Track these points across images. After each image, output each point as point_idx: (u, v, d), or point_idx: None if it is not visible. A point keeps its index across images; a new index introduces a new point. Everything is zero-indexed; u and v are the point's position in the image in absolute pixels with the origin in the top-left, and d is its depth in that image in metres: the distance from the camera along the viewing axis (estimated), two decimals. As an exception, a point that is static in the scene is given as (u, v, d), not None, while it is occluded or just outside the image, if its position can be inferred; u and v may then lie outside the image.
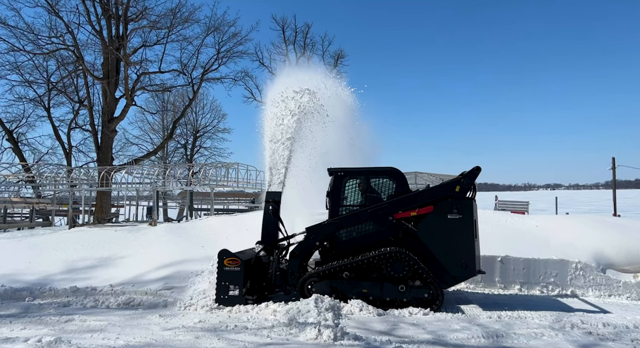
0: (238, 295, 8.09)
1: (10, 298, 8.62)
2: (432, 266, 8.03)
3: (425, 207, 8.22)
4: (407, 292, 7.95)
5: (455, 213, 8.05)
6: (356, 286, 8.15)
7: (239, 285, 8.12)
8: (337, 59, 41.16)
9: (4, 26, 22.17)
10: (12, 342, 5.83)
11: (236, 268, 8.15)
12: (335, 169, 8.92)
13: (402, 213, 8.29)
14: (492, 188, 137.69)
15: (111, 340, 6.04)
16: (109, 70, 22.87)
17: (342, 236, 8.51)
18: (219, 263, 8.25)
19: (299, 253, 8.58)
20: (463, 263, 7.95)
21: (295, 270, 8.48)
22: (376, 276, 8.18)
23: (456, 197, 8.16)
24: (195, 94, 28.61)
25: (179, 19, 24.35)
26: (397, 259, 8.03)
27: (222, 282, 8.19)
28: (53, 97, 31.09)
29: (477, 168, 8.30)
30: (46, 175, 26.63)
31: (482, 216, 14.42)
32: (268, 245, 8.89)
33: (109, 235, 13.64)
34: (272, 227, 8.98)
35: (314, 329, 6.30)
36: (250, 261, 8.39)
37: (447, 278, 8.08)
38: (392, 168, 8.81)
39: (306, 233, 8.63)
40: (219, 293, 8.17)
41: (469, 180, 8.25)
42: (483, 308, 8.05)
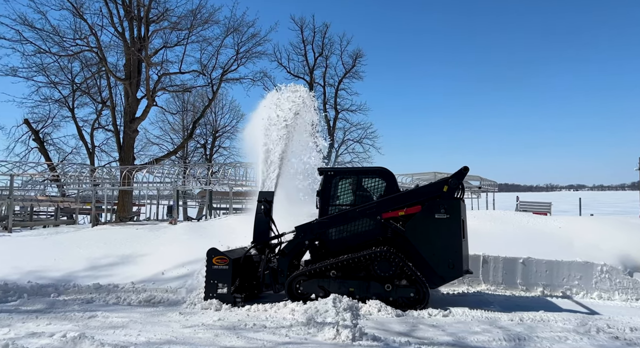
0: (226, 293, 8.16)
1: (37, 294, 8.85)
2: (420, 266, 8.00)
3: (413, 206, 8.22)
4: (393, 291, 7.96)
5: (442, 213, 8.05)
6: (343, 285, 8.16)
7: (227, 284, 8.18)
8: (355, 58, 41.07)
9: (31, 29, 22.77)
10: (38, 336, 5.97)
11: (224, 267, 8.21)
12: (325, 169, 9.03)
13: (391, 213, 8.30)
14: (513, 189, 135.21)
15: (132, 337, 6.14)
16: (131, 71, 23.26)
17: (332, 235, 8.52)
18: (208, 262, 8.32)
19: (289, 252, 8.62)
20: (450, 263, 7.94)
21: (285, 269, 8.50)
22: (363, 275, 8.20)
23: (444, 197, 8.16)
24: (215, 95, 28.88)
25: (199, 20, 24.63)
26: (384, 258, 8.04)
27: (210, 280, 8.27)
28: (77, 98, 31.88)
29: (465, 168, 8.29)
30: (70, 174, 27.28)
31: (503, 217, 14.28)
32: (259, 244, 8.93)
33: (131, 234, 13.88)
34: (263, 227, 9.01)
35: (332, 329, 6.28)
36: (239, 260, 8.45)
37: (435, 278, 8.06)
38: (382, 168, 8.89)
39: (295, 232, 8.67)
40: (208, 292, 8.26)
41: (457, 180, 8.26)
42: (504, 311, 7.90)
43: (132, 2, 23.02)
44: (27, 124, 30.54)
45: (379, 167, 8.97)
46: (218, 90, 28.58)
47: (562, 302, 8.88)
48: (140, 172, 22.96)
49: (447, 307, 7.83)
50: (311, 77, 40.66)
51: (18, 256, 11.05)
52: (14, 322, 6.96)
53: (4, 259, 10.70)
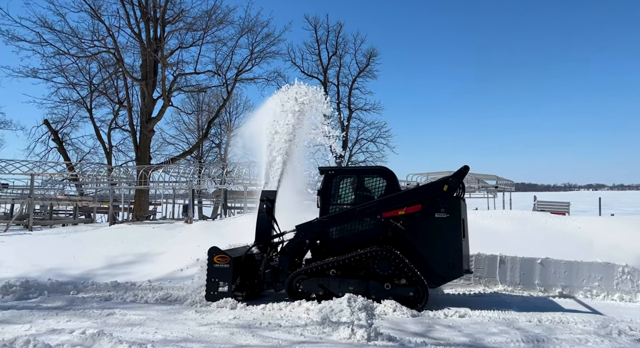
0: (227, 292, 8.21)
1: (56, 291, 9.01)
2: (420, 265, 7.96)
3: (413, 205, 8.18)
4: (392, 290, 7.95)
5: (442, 213, 8.00)
6: (342, 284, 8.16)
7: (228, 282, 8.23)
8: (369, 57, 40.97)
9: (51, 31, 23.23)
10: (59, 333, 6.08)
11: (225, 265, 8.26)
12: (326, 168, 9.00)
13: (391, 212, 8.25)
14: (530, 188, 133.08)
15: (150, 334, 6.21)
16: (147, 72, 23.57)
17: (332, 234, 8.52)
18: (209, 260, 8.39)
19: (289, 251, 8.63)
20: (450, 263, 7.89)
21: (286, 268, 8.52)
22: (363, 274, 8.18)
23: (444, 196, 8.11)
24: (230, 95, 29.09)
25: (214, 21, 24.86)
26: (383, 257, 8.00)
27: (212, 278, 8.33)
28: (95, 99, 32.45)
29: (466, 167, 8.22)
30: (88, 173, 27.77)
31: (520, 216, 14.09)
32: (261, 243, 8.97)
33: (147, 232, 14.07)
34: (265, 226, 9.04)
35: (347, 328, 6.26)
36: (239, 258, 8.49)
37: (435, 277, 8.03)
38: (383, 167, 8.89)
39: (296, 231, 8.70)
40: (209, 290, 8.32)
41: (457, 179, 8.17)
42: (522, 312, 7.78)
43: (149, 4, 23.33)
44: (47, 125, 31.19)
45: (379, 166, 9.07)
46: (233, 90, 28.79)
47: (582, 304, 8.71)
48: (157, 172, 23.27)
49: (463, 308, 7.75)
50: (325, 77, 40.68)
51: (38, 254, 11.28)
52: (35, 318, 7.10)
53: (25, 257, 10.93)
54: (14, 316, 7.26)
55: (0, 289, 8.83)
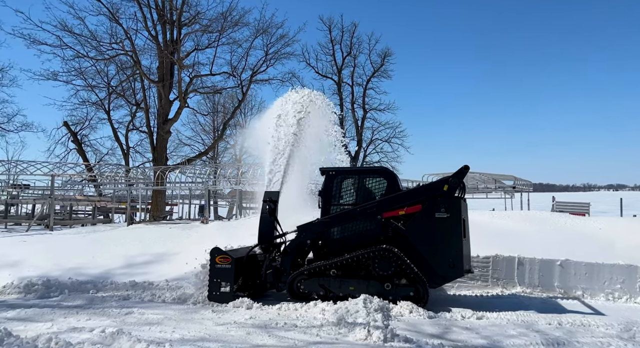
0: (229, 292, 8.27)
1: (77, 290, 9.17)
2: (420, 265, 7.95)
3: (413, 205, 8.19)
4: (392, 290, 7.97)
5: (443, 212, 7.99)
6: (343, 284, 8.20)
7: (230, 282, 8.29)
8: (383, 57, 40.80)
9: (71, 34, 23.70)
10: (79, 331, 6.19)
11: (227, 266, 8.31)
12: (327, 169, 9.01)
13: (391, 212, 8.28)
14: (548, 188, 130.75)
15: (167, 333, 6.27)
16: (164, 74, 23.86)
17: (333, 234, 8.55)
18: (211, 261, 8.45)
19: (291, 251, 8.68)
20: (450, 263, 7.86)
21: (288, 268, 8.56)
22: (363, 274, 8.20)
23: (444, 196, 8.09)
24: (244, 96, 29.29)
25: (229, 23, 25.07)
26: (383, 257, 8.02)
27: (214, 278, 8.39)
28: (113, 101, 32.97)
29: (466, 167, 8.19)
30: (106, 174, 28.21)
31: (538, 217, 13.88)
32: (264, 244, 9.01)
33: (164, 232, 14.23)
34: (268, 226, 9.08)
35: (364, 330, 6.24)
36: (241, 259, 8.54)
37: (436, 278, 8.03)
38: (383, 167, 8.96)
39: (297, 232, 8.72)
40: (211, 290, 8.38)
41: (457, 179, 8.15)
42: (541, 314, 7.66)
43: (165, 6, 23.63)
44: (67, 126, 31.79)
45: (380, 166, 9.13)
46: (248, 91, 29.00)
47: (604, 306, 8.52)
48: (173, 172, 23.52)
49: (480, 310, 7.66)
50: (339, 77, 40.64)
51: (59, 253, 11.48)
52: (56, 316, 7.25)
53: (46, 256, 11.14)
54: (36, 314, 7.43)
55: (23, 288, 9.04)
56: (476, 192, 31.00)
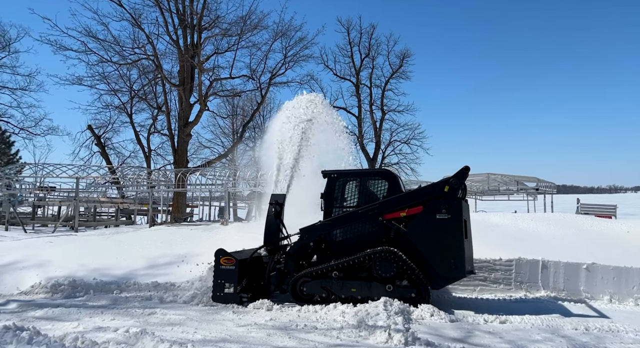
0: (233, 293, 8.37)
1: (101, 291, 9.37)
2: (422, 266, 7.96)
3: (414, 207, 8.20)
4: (394, 291, 8.00)
5: (444, 214, 7.98)
6: (345, 286, 8.24)
7: (233, 283, 8.40)
8: (402, 58, 40.57)
9: (95, 40, 24.24)
10: (104, 331, 6.32)
11: (231, 267, 8.44)
12: (328, 171, 9.07)
13: (392, 214, 8.30)
14: (572, 190, 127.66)
15: (189, 334, 6.35)
16: (185, 78, 24.19)
17: (335, 236, 8.59)
18: (216, 262, 8.56)
19: (293, 254, 8.73)
20: (452, 264, 7.83)
21: (291, 270, 8.61)
22: (365, 276, 8.22)
23: (445, 197, 8.08)
24: (263, 98, 29.45)
25: (248, 26, 25.22)
26: (385, 259, 8.04)
27: (218, 279, 8.50)
28: (135, 104, 33.61)
29: (466, 167, 8.21)
30: (129, 176, 28.71)
31: (563, 220, 13.58)
32: (270, 246, 9.07)
33: (185, 234, 14.41)
34: (273, 229, 9.14)
35: (384, 333, 6.20)
36: (245, 260, 8.63)
37: (438, 279, 8.02)
38: (385, 169, 9.03)
39: (299, 234, 8.76)
40: (215, 291, 8.49)
41: (458, 180, 8.14)
42: (567, 318, 7.48)
43: (186, 11, 23.96)
44: (90, 130, 32.52)
45: (381, 168, 9.21)
46: (266, 94, 29.13)
47: (633, 312, 8.28)
48: (194, 175, 23.79)
49: (503, 314, 7.52)
50: (357, 79, 40.57)
51: (84, 254, 11.74)
52: (82, 316, 7.41)
53: (72, 257, 11.40)
54: (63, 313, 7.62)
55: (50, 288, 9.28)
56: (497, 194, 30.52)
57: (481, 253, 9.90)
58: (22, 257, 11.36)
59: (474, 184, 31.23)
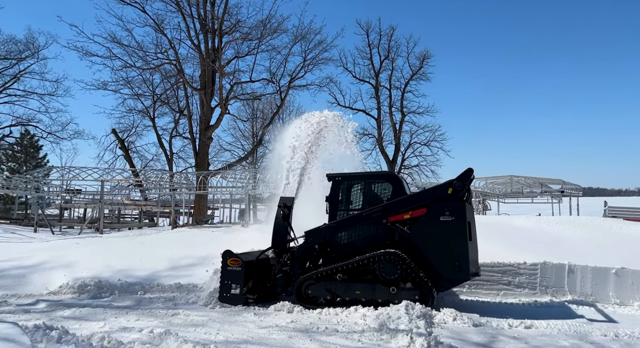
0: (239, 294, 8.46)
1: (126, 291, 9.55)
2: (426, 268, 7.96)
3: (418, 209, 8.21)
4: (397, 293, 7.98)
5: (447, 216, 7.97)
6: (349, 288, 8.25)
7: (239, 284, 8.48)
8: (422, 60, 40.27)
9: (119, 46, 24.85)
10: (129, 331, 6.43)
11: (237, 268, 8.53)
12: (333, 175, 9.12)
13: (396, 216, 8.31)
14: (599, 193, 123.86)
15: (212, 335, 6.41)
16: (206, 82, 24.54)
17: (340, 239, 8.62)
18: (223, 263, 8.66)
19: (299, 256, 8.78)
20: (456, 266, 7.81)
21: (297, 272, 8.66)
22: (369, 278, 8.22)
23: (449, 199, 8.06)
24: (283, 101, 29.65)
25: (268, 30, 25.48)
26: (388, 261, 8.04)
27: (225, 280, 8.61)
28: (157, 108, 34.22)
29: (470, 170, 8.20)
30: (152, 179, 29.23)
31: (590, 223, 13.23)
32: (277, 248, 9.14)
33: (207, 236, 14.58)
34: (281, 231, 9.23)
35: (406, 336, 6.14)
36: (251, 262, 8.70)
37: (442, 281, 8.02)
38: (388, 172, 9.07)
39: (305, 237, 8.81)
40: (222, 291, 8.59)
41: (462, 182, 8.11)
42: (595, 324, 7.27)
43: (207, 16, 24.33)
44: (115, 134, 33.24)
45: (385, 171, 9.26)
46: (286, 97, 29.34)
47: (664, 318, 7.99)
48: (215, 177, 24.05)
49: (529, 318, 7.36)
50: (377, 81, 40.44)
51: (109, 255, 12.00)
52: (108, 316, 7.57)
53: (97, 258, 11.66)
54: (90, 313, 7.80)
55: (77, 288, 9.52)
56: (521, 197, 29.93)
57: (505, 257, 9.74)
58: (50, 257, 11.67)
59: (497, 186, 30.71)
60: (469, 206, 8.37)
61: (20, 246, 14.36)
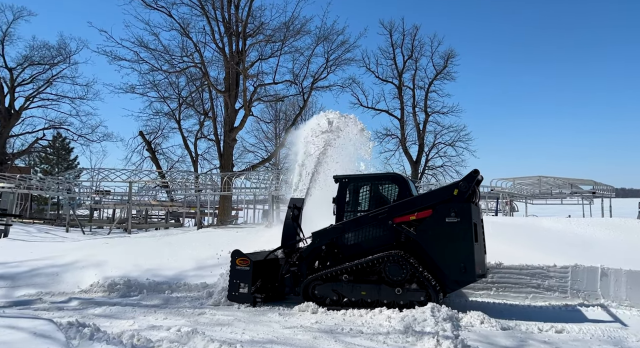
0: (247, 293, 8.56)
1: (154, 291, 9.77)
2: (432, 270, 7.97)
3: (424, 210, 8.21)
4: (403, 294, 8.02)
5: (453, 217, 7.97)
6: (355, 289, 8.29)
7: (247, 284, 8.59)
8: (447, 59, 39.77)
9: (146, 50, 25.42)
10: (157, 329, 6.57)
11: (246, 268, 8.65)
12: (340, 176, 9.20)
13: (402, 217, 8.31)
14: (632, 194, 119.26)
15: (238, 335, 6.48)
16: (230, 84, 24.84)
17: (346, 240, 8.66)
18: (232, 262, 8.78)
19: (306, 256, 8.82)
20: (462, 267, 7.82)
21: (304, 272, 8.70)
22: (375, 279, 8.24)
23: (455, 201, 8.05)
24: (306, 103, 29.72)
25: (291, 32, 25.60)
26: (394, 263, 8.08)
27: (233, 279, 8.72)
28: (183, 111, 34.84)
29: (475, 171, 8.21)
30: (177, 181, 29.77)
31: (623, 225, 12.81)
32: (287, 249, 9.21)
33: (231, 236, 14.75)
34: (290, 232, 9.32)
35: (432, 339, 6.06)
36: (259, 262, 8.81)
37: (448, 282, 8.04)
38: (395, 173, 9.15)
39: (312, 238, 8.85)
40: (231, 290, 8.71)
41: (467, 184, 8.09)
42: (631, 329, 7.01)
43: (232, 19, 24.64)
44: (142, 136, 34.02)
45: (391, 172, 9.36)
46: (309, 98, 29.41)
47: None
48: (239, 178, 24.32)
49: (559, 322, 7.16)
50: (400, 81, 40.14)
51: (137, 255, 12.28)
52: (136, 314, 7.76)
53: (126, 258, 11.95)
54: (119, 312, 8.01)
55: (107, 287, 9.78)
56: (549, 198, 29.20)
57: (533, 259, 9.52)
58: (81, 257, 12.04)
59: (524, 187, 30.04)
60: (475, 207, 8.34)
61: (54, 245, 14.85)
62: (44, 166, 44.00)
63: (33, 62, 34.30)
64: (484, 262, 8.44)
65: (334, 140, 10.81)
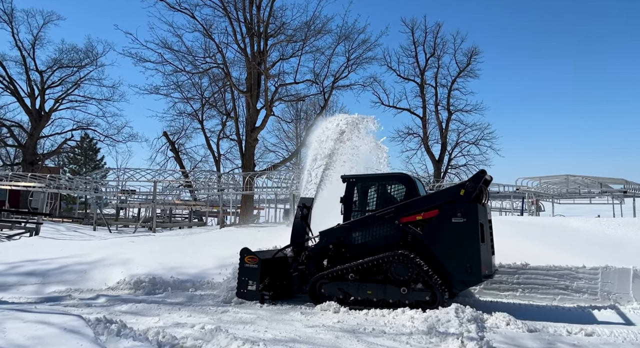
0: (255, 290, 8.67)
1: (178, 288, 9.92)
2: (438, 270, 7.96)
3: (430, 210, 8.21)
4: (408, 294, 8.04)
5: (459, 217, 7.94)
6: (361, 288, 8.35)
7: (256, 281, 8.71)
8: (470, 56, 39.19)
9: (170, 51, 25.88)
10: (182, 326, 6.65)
11: (254, 266, 8.76)
12: (347, 176, 9.26)
13: (408, 217, 8.31)
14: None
15: (260, 333, 6.51)
16: (252, 84, 25.05)
17: (353, 240, 8.72)
18: (240, 260, 8.90)
19: (313, 255, 8.89)
20: (468, 268, 7.77)
21: (312, 271, 8.78)
22: (381, 278, 8.26)
23: (461, 201, 8.03)
24: (326, 102, 29.73)
25: (312, 31, 25.66)
26: (400, 262, 8.10)
27: (242, 277, 8.86)
28: (206, 111, 35.38)
29: (482, 171, 8.23)
30: (201, 180, 30.22)
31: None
32: (296, 247, 9.25)
33: (253, 235, 14.84)
34: (299, 231, 9.38)
35: (457, 340, 5.96)
36: (268, 260, 8.90)
37: (454, 282, 8.04)
38: (402, 173, 9.13)
39: (319, 237, 8.89)
40: (240, 288, 8.83)
41: (474, 184, 8.07)
42: (665, 335, 6.75)
43: (253, 19, 24.84)
44: (166, 136, 34.65)
45: (398, 172, 9.36)
46: (329, 98, 29.39)
47: None
48: (260, 178, 24.51)
49: (589, 325, 6.97)
50: (422, 79, 39.74)
51: (162, 253, 12.48)
52: (161, 312, 7.87)
53: (151, 256, 12.16)
54: (145, 309, 8.15)
55: (133, 284, 9.98)
56: (577, 197, 28.42)
57: (561, 260, 9.29)
58: (108, 254, 12.30)
59: (551, 187, 29.32)
60: (482, 208, 8.27)
61: (82, 243, 15.26)
62: (72, 166, 45.30)
63: (62, 64, 35.45)
64: (491, 262, 8.39)
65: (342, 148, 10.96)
